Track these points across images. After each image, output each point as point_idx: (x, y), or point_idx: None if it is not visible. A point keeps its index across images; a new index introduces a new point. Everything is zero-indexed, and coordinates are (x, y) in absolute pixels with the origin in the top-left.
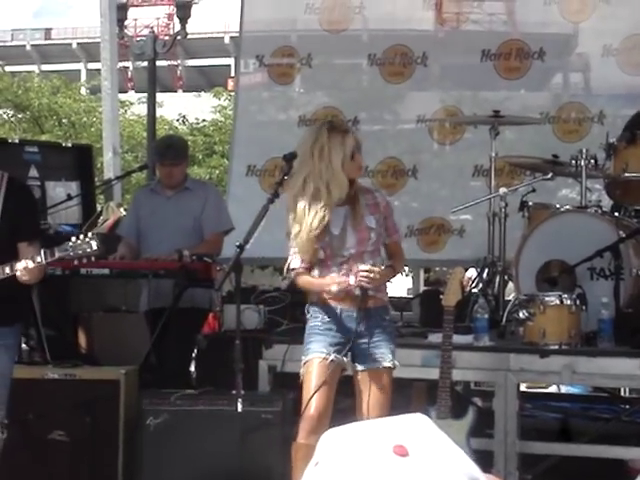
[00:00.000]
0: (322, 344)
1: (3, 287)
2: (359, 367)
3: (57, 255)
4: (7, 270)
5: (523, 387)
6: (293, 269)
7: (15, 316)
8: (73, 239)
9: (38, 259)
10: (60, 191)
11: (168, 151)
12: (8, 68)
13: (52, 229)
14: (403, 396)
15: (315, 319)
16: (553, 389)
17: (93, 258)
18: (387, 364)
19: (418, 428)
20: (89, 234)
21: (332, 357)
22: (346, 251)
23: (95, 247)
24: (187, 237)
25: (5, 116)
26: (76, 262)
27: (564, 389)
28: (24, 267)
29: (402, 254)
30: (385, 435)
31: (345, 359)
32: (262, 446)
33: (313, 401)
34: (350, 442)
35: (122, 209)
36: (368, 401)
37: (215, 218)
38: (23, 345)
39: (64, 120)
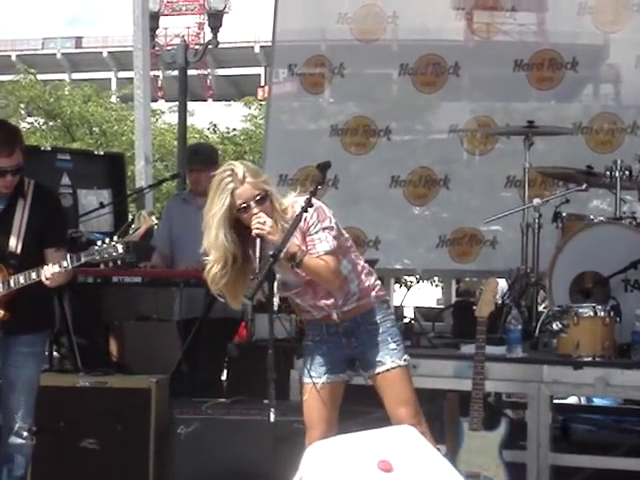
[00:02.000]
0: (314, 365)
1: (30, 294)
2: (368, 375)
3: (83, 259)
4: (33, 275)
5: None
6: None
7: (42, 323)
8: (99, 243)
9: (64, 264)
10: (92, 199)
11: (195, 157)
12: (39, 76)
13: (84, 237)
14: (435, 407)
15: (307, 336)
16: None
17: (119, 262)
18: (389, 365)
19: (404, 442)
20: (115, 238)
21: (323, 379)
22: None
23: (121, 251)
24: None
25: (37, 124)
26: (103, 266)
27: (597, 401)
28: (50, 272)
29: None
30: (370, 450)
31: (343, 375)
32: (294, 456)
33: (314, 430)
34: (334, 457)
35: (154, 217)
36: (390, 404)
37: None
38: (55, 353)
39: (95, 128)
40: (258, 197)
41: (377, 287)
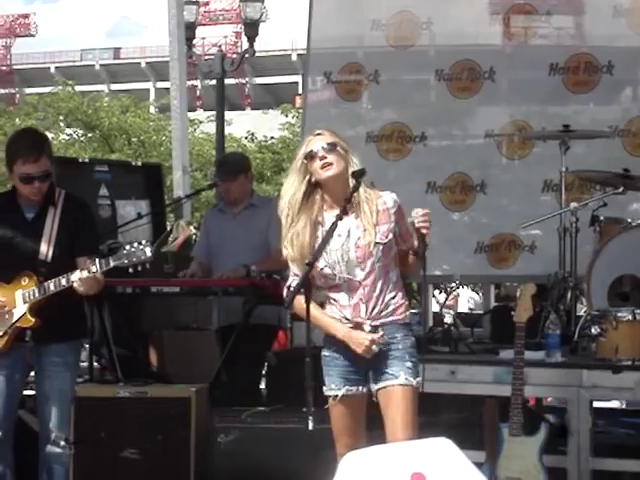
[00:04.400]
0: (334, 378)
1: (61, 303)
2: (375, 387)
3: (112, 263)
4: (63, 282)
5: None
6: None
7: (73, 332)
8: (127, 247)
9: (93, 269)
10: (130, 210)
11: (222, 168)
12: (78, 88)
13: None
14: (475, 413)
15: (324, 347)
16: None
17: (148, 265)
18: (402, 380)
19: (439, 454)
20: (143, 241)
21: (343, 391)
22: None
23: (149, 254)
24: (255, 253)
25: (75, 135)
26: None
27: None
28: (79, 277)
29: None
30: (405, 462)
31: (362, 387)
32: (332, 463)
33: (341, 440)
34: (369, 468)
35: (192, 227)
36: (390, 423)
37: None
38: (95, 364)
39: (133, 139)
40: (330, 145)
41: (406, 307)
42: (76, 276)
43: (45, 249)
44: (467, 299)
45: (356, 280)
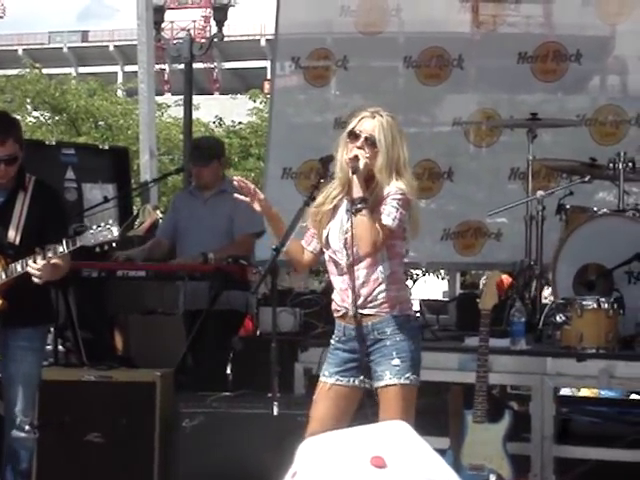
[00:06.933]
0: (329, 365)
1: (28, 287)
2: (374, 385)
3: (79, 243)
4: (18, 268)
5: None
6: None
7: (40, 317)
8: (94, 227)
9: (60, 249)
10: (96, 193)
11: (195, 152)
12: (45, 70)
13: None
14: (440, 400)
15: (333, 337)
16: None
17: (114, 244)
18: (387, 381)
19: (398, 438)
20: (110, 221)
21: (332, 381)
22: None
23: (116, 233)
24: (221, 239)
25: (42, 118)
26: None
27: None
28: (37, 267)
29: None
30: (363, 445)
31: (355, 381)
32: (297, 449)
33: (314, 424)
34: (328, 452)
35: (158, 212)
36: (380, 420)
37: (246, 219)
38: (59, 347)
39: (101, 122)
40: (370, 138)
41: (406, 302)
42: (38, 260)
43: (13, 234)
44: None
45: (345, 266)
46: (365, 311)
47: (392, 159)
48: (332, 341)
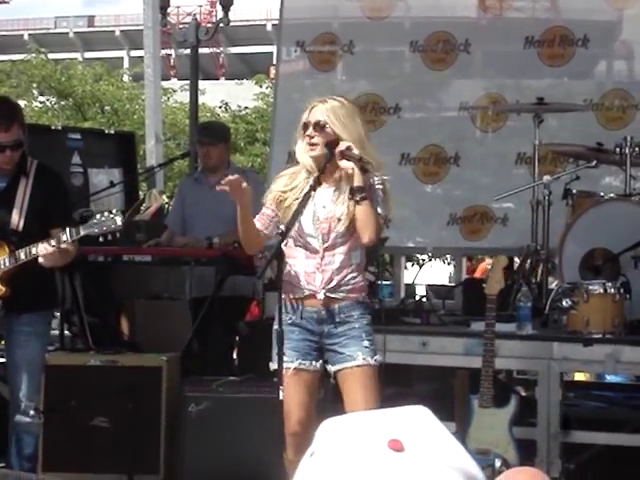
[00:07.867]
0: (286, 350)
1: (32, 273)
2: (332, 369)
3: (82, 232)
4: (34, 251)
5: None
6: None
7: (43, 302)
8: (98, 216)
9: (64, 237)
10: (102, 178)
11: (205, 131)
12: (51, 55)
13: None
14: (445, 385)
15: (277, 320)
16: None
17: (118, 234)
18: (360, 361)
19: (416, 421)
20: (114, 210)
21: (295, 364)
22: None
23: (120, 223)
24: (227, 224)
25: (48, 103)
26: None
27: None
28: (44, 253)
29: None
30: (382, 428)
31: (315, 364)
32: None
33: (292, 416)
34: (346, 434)
35: (164, 196)
36: (350, 403)
37: (252, 204)
38: (66, 332)
39: (107, 107)
40: (318, 123)
41: (366, 289)
42: (42, 248)
43: (17, 219)
44: None
45: (316, 249)
46: (334, 295)
47: (352, 134)
48: (277, 327)
